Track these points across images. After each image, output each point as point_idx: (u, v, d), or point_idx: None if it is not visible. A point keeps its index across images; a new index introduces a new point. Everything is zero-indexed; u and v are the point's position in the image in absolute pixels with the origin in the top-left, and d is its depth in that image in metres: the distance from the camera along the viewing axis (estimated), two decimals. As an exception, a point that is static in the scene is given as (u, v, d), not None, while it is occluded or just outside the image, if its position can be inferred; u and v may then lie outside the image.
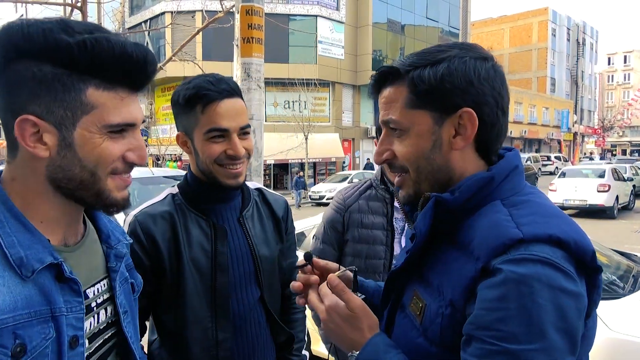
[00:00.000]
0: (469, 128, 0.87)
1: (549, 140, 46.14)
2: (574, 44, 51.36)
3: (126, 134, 0.86)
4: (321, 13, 24.66)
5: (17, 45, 0.77)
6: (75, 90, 0.79)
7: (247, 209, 1.47)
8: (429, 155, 0.90)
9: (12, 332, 0.75)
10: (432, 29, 30.29)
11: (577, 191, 13.65)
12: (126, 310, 1.01)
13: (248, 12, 3.36)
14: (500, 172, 0.88)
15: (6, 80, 0.79)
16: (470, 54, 0.89)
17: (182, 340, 1.34)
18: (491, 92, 0.87)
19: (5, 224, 0.80)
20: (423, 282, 0.92)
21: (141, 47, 0.83)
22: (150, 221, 1.35)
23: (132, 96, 0.86)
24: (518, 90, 41.21)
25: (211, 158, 1.32)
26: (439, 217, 0.88)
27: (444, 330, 0.83)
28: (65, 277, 0.83)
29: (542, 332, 0.71)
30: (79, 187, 0.84)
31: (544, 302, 0.71)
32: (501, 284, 0.74)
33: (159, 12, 23.56)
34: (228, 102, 1.30)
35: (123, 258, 1.02)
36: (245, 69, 3.41)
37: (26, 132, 0.79)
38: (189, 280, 1.33)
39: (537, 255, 0.74)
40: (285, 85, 22.84)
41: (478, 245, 0.81)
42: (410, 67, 0.89)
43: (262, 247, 1.45)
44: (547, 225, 0.79)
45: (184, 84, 1.35)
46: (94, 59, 0.78)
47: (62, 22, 0.79)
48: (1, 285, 0.75)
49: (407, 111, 0.90)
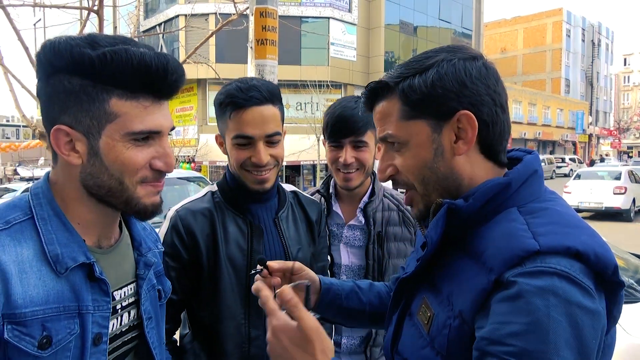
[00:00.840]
0: (469, 131, 0.84)
1: (563, 142, 45.53)
2: (589, 45, 50.68)
3: (152, 142, 0.89)
4: (333, 15, 24.67)
5: (51, 61, 0.83)
6: (100, 101, 0.83)
7: (282, 210, 1.50)
8: (432, 165, 0.87)
9: (41, 324, 0.79)
10: (445, 30, 30.13)
11: (592, 193, 13.46)
12: (150, 316, 1.03)
13: (262, 14, 3.39)
14: (517, 178, 0.84)
15: (46, 93, 0.85)
16: (459, 55, 0.86)
17: (215, 335, 1.37)
18: (486, 90, 0.85)
19: (49, 221, 0.85)
20: (433, 289, 0.89)
21: (162, 57, 0.85)
22: (190, 217, 1.39)
23: (157, 104, 0.89)
24: (532, 92, 40.75)
25: (238, 163, 1.36)
26: (452, 224, 0.85)
27: (451, 342, 0.80)
28: (96, 277, 0.87)
29: (556, 349, 0.67)
30: (108, 194, 0.88)
31: (559, 317, 0.68)
32: (515, 297, 0.70)
33: (173, 15, 23.78)
34: (256, 110, 1.32)
35: (152, 266, 1.06)
36: (259, 70, 3.44)
37: (60, 140, 0.85)
38: (224, 276, 1.36)
39: (554, 267, 0.71)
40: (297, 87, 22.86)
41: (491, 256, 0.77)
42: (399, 79, 0.88)
43: (296, 248, 1.47)
44: (566, 236, 0.75)
45: (223, 87, 1.40)
46: (114, 70, 0.82)
47: (89, 37, 0.84)
48: (37, 279, 0.80)
49: (403, 123, 0.88)
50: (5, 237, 0.80)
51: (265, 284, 1.00)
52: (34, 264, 0.81)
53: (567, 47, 47.11)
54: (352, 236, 1.78)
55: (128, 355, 1.01)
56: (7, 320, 0.76)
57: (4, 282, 0.76)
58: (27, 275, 0.79)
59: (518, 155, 0.92)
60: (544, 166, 29.08)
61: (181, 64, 0.91)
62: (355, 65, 25.93)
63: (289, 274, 1.13)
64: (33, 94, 7.40)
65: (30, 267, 0.80)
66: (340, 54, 25.23)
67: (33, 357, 0.78)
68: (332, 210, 1.81)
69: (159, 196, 0.94)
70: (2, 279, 0.76)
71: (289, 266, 1.11)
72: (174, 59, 0.88)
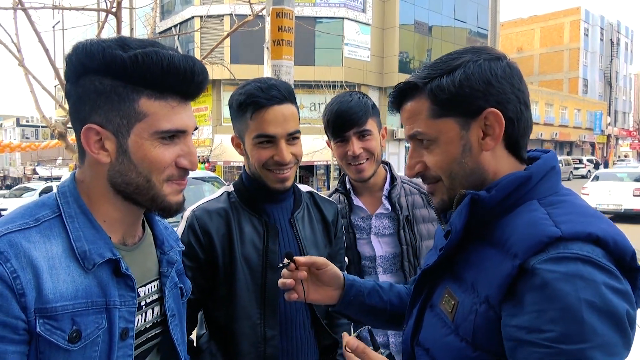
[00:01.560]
0: (497, 127, 0.88)
1: (580, 143, 44.85)
2: (607, 44, 49.83)
3: (177, 140, 0.92)
4: (347, 15, 24.65)
5: (82, 62, 0.85)
6: (130, 100, 0.86)
7: (298, 211, 1.50)
8: (461, 160, 0.91)
9: (71, 318, 0.81)
10: (460, 30, 29.89)
11: (611, 195, 13.24)
12: (174, 313, 1.06)
13: (278, 15, 3.41)
14: (537, 172, 0.88)
15: (76, 94, 0.87)
16: (484, 56, 0.90)
17: (231, 335, 1.38)
18: (511, 89, 0.89)
19: (76, 219, 0.88)
20: (456, 279, 0.92)
21: (189, 59, 0.88)
22: (206, 217, 1.40)
23: (183, 105, 0.92)
24: (549, 92, 40.21)
25: (259, 163, 1.37)
26: (474, 214, 0.88)
27: (477, 327, 0.83)
28: (122, 273, 0.90)
29: (593, 329, 0.70)
30: (135, 192, 0.91)
31: (590, 298, 0.71)
32: (543, 285, 0.74)
33: (189, 16, 24.00)
34: (277, 109, 1.34)
35: (174, 264, 1.08)
36: (275, 71, 3.45)
37: (90, 139, 0.87)
38: (240, 276, 1.37)
39: (577, 253, 0.74)
40: (312, 87, 22.90)
41: (515, 243, 0.80)
42: (427, 79, 0.91)
43: (312, 249, 1.48)
44: (586, 224, 0.78)
45: (238, 88, 1.40)
46: (144, 72, 0.85)
47: (120, 40, 0.87)
48: (66, 274, 0.82)
49: (432, 121, 0.92)
50: (36, 234, 0.83)
51: (292, 277, 1.12)
52: (63, 260, 0.83)
53: (585, 47, 46.39)
54: (382, 225, 1.78)
55: (151, 352, 1.03)
56: (39, 314, 0.78)
57: (36, 277, 0.78)
58: (57, 271, 0.81)
59: (536, 155, 0.97)
60: (561, 167, 28.69)
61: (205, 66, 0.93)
62: (369, 66, 25.88)
63: (315, 269, 1.18)
64: (52, 94, 7.52)
65: (59, 263, 0.82)
66: (354, 54, 25.20)
67: (64, 350, 0.81)
68: (354, 205, 1.82)
69: (182, 194, 0.97)
70: (34, 274, 0.78)
71: (315, 261, 1.17)
72: (199, 62, 0.91)
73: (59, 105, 8.16)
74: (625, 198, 13.03)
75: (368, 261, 1.77)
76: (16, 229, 0.81)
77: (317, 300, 1.21)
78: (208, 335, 1.46)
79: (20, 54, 6.99)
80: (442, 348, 0.90)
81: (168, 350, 1.06)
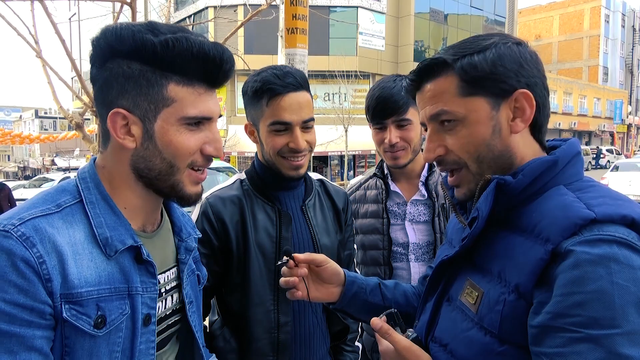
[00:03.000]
0: (527, 109, 0.87)
1: (600, 133, 43.96)
2: (629, 31, 48.56)
3: (203, 127, 0.92)
4: (362, 4, 24.40)
5: (111, 45, 0.85)
6: (158, 85, 0.86)
7: (309, 198, 1.51)
8: (490, 142, 0.88)
9: (96, 304, 0.82)
10: (477, 17, 29.39)
11: (631, 186, 12.98)
12: (192, 300, 1.06)
13: (292, 2, 3.38)
14: (563, 157, 0.86)
15: (102, 78, 0.87)
16: (510, 40, 0.89)
17: (245, 321, 1.39)
18: (538, 73, 0.88)
19: (97, 205, 0.88)
20: (479, 270, 0.89)
21: (219, 47, 0.88)
22: (220, 204, 1.41)
23: (210, 92, 0.92)
24: (567, 80, 39.42)
25: (274, 150, 1.37)
26: (500, 201, 0.85)
27: (504, 318, 0.80)
28: (143, 259, 0.90)
29: (624, 315, 0.67)
30: (157, 178, 0.91)
31: (624, 282, 0.69)
32: (575, 266, 0.71)
33: (203, 6, 24.02)
34: (292, 96, 1.34)
35: (192, 251, 1.08)
36: (290, 59, 3.44)
37: (117, 124, 0.87)
38: (254, 262, 1.38)
39: (613, 235, 0.72)
40: (326, 77, 22.79)
41: (547, 227, 0.78)
42: (456, 56, 0.88)
43: (323, 236, 1.48)
44: (620, 206, 0.76)
45: (253, 75, 1.40)
46: (174, 57, 0.84)
47: (150, 24, 0.86)
48: (89, 261, 0.83)
49: (461, 100, 0.88)
50: (58, 219, 0.83)
51: (292, 274, 1.11)
52: (86, 246, 0.83)
53: (605, 34, 45.27)
54: (417, 211, 1.77)
55: (171, 339, 1.04)
56: (65, 300, 0.79)
57: (61, 263, 0.79)
58: (80, 257, 0.82)
59: (555, 144, 0.95)
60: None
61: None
62: (384, 55, 25.65)
63: (314, 266, 1.16)
64: (70, 86, 7.60)
65: (82, 249, 0.83)
66: (368, 43, 24.98)
67: (90, 336, 0.81)
68: (391, 190, 1.81)
69: (200, 185, 0.97)
70: (59, 260, 0.79)
71: (314, 258, 1.14)
72: (228, 50, 0.91)
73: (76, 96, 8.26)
74: (645, 189, 12.77)
75: (400, 247, 1.76)
76: (39, 215, 0.81)
77: (318, 298, 1.18)
78: (221, 321, 1.47)
79: (38, 45, 7.07)
80: (463, 343, 0.87)
81: (186, 337, 1.06)
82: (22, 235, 0.76)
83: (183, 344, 1.08)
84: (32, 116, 50.87)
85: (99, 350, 0.83)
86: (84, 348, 0.81)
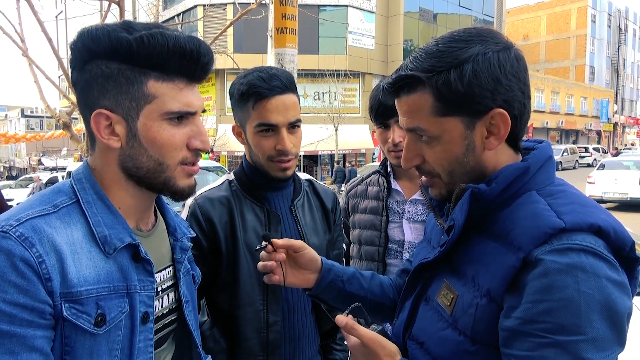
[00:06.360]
0: (502, 128, 0.86)
1: (587, 131, 44.53)
2: (615, 31, 49.21)
3: (186, 122, 0.92)
4: (351, 3, 24.44)
5: (88, 47, 0.85)
6: (138, 83, 0.86)
7: (298, 199, 1.52)
8: (462, 159, 0.89)
9: (95, 302, 0.82)
10: (466, 17, 29.58)
11: (617, 184, 13.15)
12: (188, 299, 1.06)
13: (282, 2, 3.38)
14: (535, 162, 0.87)
15: (83, 80, 0.87)
16: (492, 47, 0.84)
17: (234, 321, 1.39)
18: (517, 84, 0.85)
19: (93, 205, 0.88)
20: (455, 273, 0.91)
21: (195, 40, 0.88)
22: (209, 205, 1.41)
23: (191, 86, 0.92)
24: (555, 80, 39.84)
25: (262, 152, 1.37)
26: (475, 208, 0.87)
27: (477, 321, 0.82)
28: (141, 257, 0.91)
29: (589, 322, 0.70)
30: (147, 175, 0.91)
31: (589, 291, 0.71)
32: (544, 275, 0.73)
33: (192, 5, 23.88)
34: (279, 99, 1.34)
35: (187, 251, 1.09)
36: (279, 59, 3.43)
37: (100, 125, 0.87)
38: (243, 263, 1.38)
39: (580, 244, 0.74)
40: (315, 76, 22.79)
41: (518, 235, 0.80)
42: (431, 73, 0.84)
43: (312, 236, 1.49)
44: (588, 214, 0.78)
45: (239, 77, 1.40)
46: (151, 53, 0.84)
47: (125, 23, 0.86)
48: (88, 260, 0.83)
49: (436, 119, 0.87)
50: (56, 219, 0.83)
51: (271, 260, 1.12)
52: (84, 245, 0.84)
53: (592, 34, 45.81)
54: (415, 211, 1.79)
55: (168, 338, 1.05)
56: (65, 299, 0.79)
57: (60, 262, 0.79)
58: (79, 256, 0.82)
59: (529, 146, 0.96)
60: (567, 156, 28.45)
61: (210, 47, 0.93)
62: (373, 54, 25.72)
63: (292, 252, 1.17)
64: (57, 84, 7.52)
65: (81, 248, 0.83)
66: (358, 42, 25.02)
67: (90, 334, 0.81)
68: (392, 188, 1.84)
69: (193, 178, 0.97)
70: (58, 259, 0.79)
71: (293, 244, 1.15)
72: (205, 43, 0.90)
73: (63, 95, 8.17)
74: (631, 187, 12.93)
75: (396, 245, 1.78)
76: (37, 215, 0.81)
77: (293, 283, 1.19)
78: (210, 322, 1.48)
79: (24, 44, 6.98)
80: (438, 341, 0.89)
81: (183, 336, 1.07)
82: (20, 236, 0.76)
83: (179, 344, 1.08)
84: (18, 115, 50.18)
85: (99, 348, 0.83)
86: (84, 347, 0.81)
